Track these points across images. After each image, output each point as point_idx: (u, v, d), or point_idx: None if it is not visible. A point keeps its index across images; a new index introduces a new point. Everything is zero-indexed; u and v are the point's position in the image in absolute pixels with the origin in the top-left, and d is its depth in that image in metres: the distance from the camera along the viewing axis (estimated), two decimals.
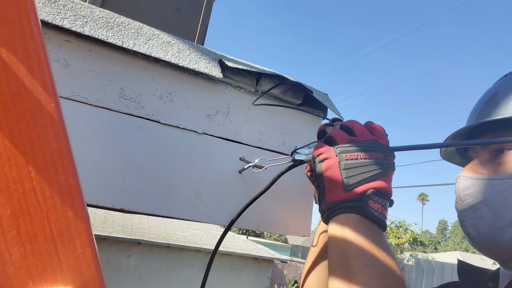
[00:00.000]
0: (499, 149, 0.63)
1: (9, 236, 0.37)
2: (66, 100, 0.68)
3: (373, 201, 0.57)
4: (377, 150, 0.61)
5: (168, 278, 7.21)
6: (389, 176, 0.61)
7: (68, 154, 0.40)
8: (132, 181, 0.72)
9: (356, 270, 0.51)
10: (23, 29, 0.39)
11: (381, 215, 0.57)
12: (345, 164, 0.59)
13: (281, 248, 17.05)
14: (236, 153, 0.85)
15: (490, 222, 0.60)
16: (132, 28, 0.75)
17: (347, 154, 0.60)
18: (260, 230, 0.86)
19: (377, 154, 0.60)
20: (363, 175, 0.58)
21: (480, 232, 0.62)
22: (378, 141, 0.63)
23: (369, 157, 0.60)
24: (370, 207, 0.56)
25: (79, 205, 0.40)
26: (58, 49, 0.68)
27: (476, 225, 0.63)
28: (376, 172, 0.59)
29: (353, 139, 0.62)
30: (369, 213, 0.56)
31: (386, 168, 0.60)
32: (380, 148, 0.61)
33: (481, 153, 0.67)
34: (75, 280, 0.39)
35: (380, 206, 0.57)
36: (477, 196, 0.63)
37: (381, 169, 0.59)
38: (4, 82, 0.38)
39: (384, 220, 0.58)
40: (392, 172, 0.62)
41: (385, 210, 0.58)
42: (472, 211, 0.63)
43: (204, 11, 1.26)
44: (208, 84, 0.83)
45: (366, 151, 0.60)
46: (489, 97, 0.69)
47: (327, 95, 0.99)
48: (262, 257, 8.38)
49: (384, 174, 0.60)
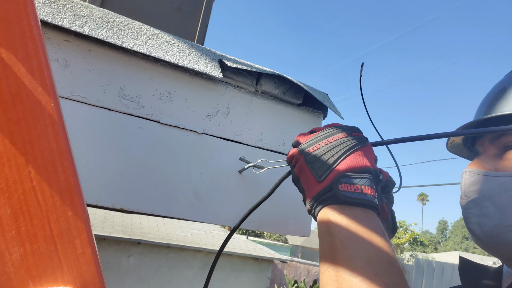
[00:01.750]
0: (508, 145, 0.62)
1: (9, 236, 0.37)
2: (66, 100, 0.68)
3: (346, 184, 0.53)
4: (337, 132, 0.58)
5: (168, 278, 7.21)
6: (363, 150, 0.57)
7: (68, 154, 0.40)
8: (132, 181, 0.72)
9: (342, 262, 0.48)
10: (23, 29, 0.39)
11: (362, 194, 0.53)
12: (310, 157, 0.57)
13: (281, 248, 17.04)
14: (236, 153, 0.85)
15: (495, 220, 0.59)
16: (131, 28, 0.75)
17: (309, 148, 0.58)
18: (260, 230, 0.86)
19: (339, 135, 0.58)
20: (331, 160, 0.55)
21: (484, 230, 0.61)
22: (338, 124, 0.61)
23: (330, 141, 0.57)
24: (342, 191, 0.52)
25: (79, 205, 0.40)
26: (58, 49, 0.68)
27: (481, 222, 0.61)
28: (343, 151, 0.56)
29: (313, 134, 0.61)
30: (342, 197, 0.52)
31: (353, 143, 0.57)
32: (340, 128, 0.59)
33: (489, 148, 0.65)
34: (75, 280, 0.39)
35: (358, 186, 0.53)
36: (483, 193, 0.61)
37: (347, 146, 0.56)
38: (4, 82, 0.38)
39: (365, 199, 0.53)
40: (366, 145, 0.58)
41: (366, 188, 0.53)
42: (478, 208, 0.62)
43: (204, 11, 1.26)
44: (208, 84, 0.83)
45: (327, 137, 0.58)
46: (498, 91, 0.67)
47: (327, 95, 0.99)
48: (262, 257, 8.38)
49: (354, 150, 0.56)
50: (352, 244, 0.50)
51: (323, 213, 0.54)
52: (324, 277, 0.50)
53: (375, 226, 0.52)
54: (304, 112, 0.97)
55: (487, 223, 0.60)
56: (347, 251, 0.49)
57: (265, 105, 0.91)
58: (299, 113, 0.96)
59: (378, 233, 0.51)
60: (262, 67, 0.90)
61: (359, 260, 0.48)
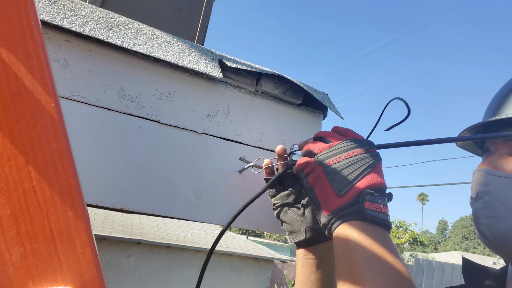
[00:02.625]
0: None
1: (9, 236, 0.37)
2: (66, 100, 0.68)
3: (369, 202, 0.53)
4: (357, 146, 0.59)
5: (168, 278, 7.21)
6: (378, 168, 0.58)
7: (68, 154, 0.40)
8: (132, 181, 0.72)
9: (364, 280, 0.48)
10: (23, 29, 0.39)
11: (382, 213, 0.54)
12: (331, 170, 0.57)
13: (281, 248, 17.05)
14: (236, 153, 0.85)
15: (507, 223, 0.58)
16: (132, 28, 0.75)
17: (329, 160, 0.58)
18: (260, 230, 0.86)
19: (358, 150, 0.58)
20: (352, 175, 0.56)
21: (494, 232, 0.59)
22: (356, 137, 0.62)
23: (351, 155, 0.57)
24: (368, 209, 0.53)
25: (79, 205, 0.40)
26: (58, 49, 0.68)
27: (491, 224, 0.60)
28: (364, 168, 0.56)
29: (329, 145, 0.61)
30: (368, 215, 0.53)
31: (372, 161, 0.57)
32: (360, 143, 0.59)
33: (501, 147, 0.64)
34: (75, 280, 0.39)
35: (379, 205, 0.54)
36: (495, 194, 0.60)
37: (368, 163, 0.57)
38: (4, 82, 0.38)
39: (386, 219, 0.54)
40: (380, 163, 0.59)
41: (385, 207, 0.55)
42: (488, 209, 0.60)
43: (204, 11, 1.26)
44: (208, 84, 0.83)
45: (347, 150, 0.58)
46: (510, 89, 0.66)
47: (327, 95, 0.99)
48: (262, 257, 8.39)
49: (373, 167, 0.57)
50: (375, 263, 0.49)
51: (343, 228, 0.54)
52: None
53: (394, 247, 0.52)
54: (304, 112, 0.97)
55: (497, 225, 0.59)
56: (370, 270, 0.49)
57: (265, 105, 0.91)
58: (299, 113, 0.96)
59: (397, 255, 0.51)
60: (262, 67, 0.90)
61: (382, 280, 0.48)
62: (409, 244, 27.58)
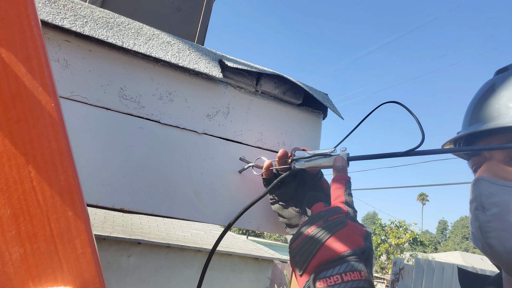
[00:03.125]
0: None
1: (9, 236, 0.37)
2: (66, 100, 0.68)
3: (325, 279, 0.54)
4: (315, 220, 0.61)
5: (168, 278, 7.21)
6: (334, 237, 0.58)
7: (68, 154, 0.40)
8: (132, 181, 0.72)
9: None
10: (23, 29, 0.39)
11: (344, 283, 0.52)
12: (292, 251, 0.61)
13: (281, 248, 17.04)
14: (236, 153, 0.85)
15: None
16: (132, 28, 0.75)
17: (294, 242, 0.62)
18: (260, 230, 0.86)
19: (316, 225, 0.60)
20: (302, 258, 0.58)
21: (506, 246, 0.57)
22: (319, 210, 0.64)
23: (309, 233, 0.60)
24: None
25: (79, 205, 0.40)
26: (58, 49, 0.68)
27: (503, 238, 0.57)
28: (318, 243, 0.58)
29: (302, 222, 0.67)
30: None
31: (324, 234, 0.58)
32: (318, 216, 0.61)
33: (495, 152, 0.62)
34: (75, 280, 0.39)
35: (338, 276, 0.53)
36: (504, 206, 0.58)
37: (322, 237, 0.58)
38: (4, 82, 0.38)
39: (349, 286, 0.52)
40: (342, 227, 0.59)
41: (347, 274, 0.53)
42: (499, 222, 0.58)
43: (204, 11, 1.26)
44: (208, 84, 0.83)
45: (308, 227, 0.61)
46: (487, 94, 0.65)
47: (327, 95, 0.99)
48: (262, 257, 8.38)
49: (326, 240, 0.57)
50: None
51: None
52: None
53: None
54: (304, 112, 0.97)
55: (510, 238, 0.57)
56: None
57: (265, 105, 0.91)
58: (299, 113, 0.96)
59: None
60: (262, 67, 0.90)
61: None
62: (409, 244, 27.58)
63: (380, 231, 26.41)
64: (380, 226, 26.62)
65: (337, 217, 0.60)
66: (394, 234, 25.24)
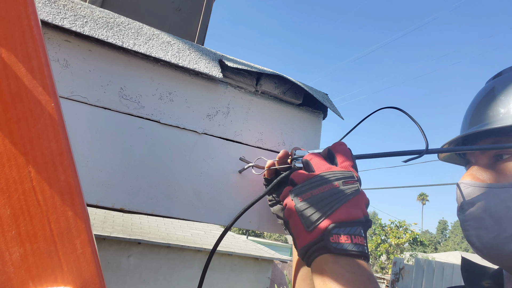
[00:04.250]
0: (498, 155, 0.63)
1: (9, 236, 0.37)
2: (66, 100, 0.68)
3: (336, 235, 0.54)
4: (330, 181, 0.59)
5: (168, 278, 7.21)
6: (353, 201, 0.58)
7: (68, 154, 0.40)
8: (132, 181, 0.72)
9: None
10: (23, 29, 0.39)
11: (353, 245, 0.54)
12: (300, 206, 0.58)
13: (281, 248, 17.05)
14: (236, 153, 0.85)
15: (494, 232, 0.60)
16: (132, 28, 0.75)
17: (300, 196, 0.59)
18: (260, 230, 0.86)
19: (330, 185, 0.58)
20: (319, 213, 0.56)
21: (484, 242, 0.61)
22: (332, 170, 0.61)
23: (322, 191, 0.58)
24: (334, 243, 0.53)
25: (79, 205, 0.40)
26: (58, 49, 0.68)
27: (480, 235, 0.62)
28: (332, 205, 0.56)
29: (307, 176, 0.61)
30: (334, 249, 0.53)
31: (345, 195, 0.57)
32: (334, 177, 0.59)
33: (480, 158, 0.66)
34: (75, 280, 0.39)
35: (348, 236, 0.54)
36: (479, 205, 0.62)
37: (337, 199, 0.57)
38: (4, 82, 0.38)
39: (358, 250, 0.54)
40: (357, 195, 0.59)
41: (357, 237, 0.54)
42: (475, 220, 0.63)
43: (204, 11, 1.26)
44: (208, 84, 0.83)
45: (319, 186, 0.59)
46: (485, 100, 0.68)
47: (327, 95, 0.99)
48: (262, 257, 8.39)
49: (344, 202, 0.57)
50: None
51: (317, 263, 0.55)
52: None
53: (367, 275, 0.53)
54: (304, 112, 0.97)
55: (485, 235, 0.61)
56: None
57: (265, 105, 0.91)
58: (299, 113, 0.96)
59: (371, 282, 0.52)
60: (262, 67, 0.90)
61: None
62: (409, 244, 27.58)
63: (380, 231, 26.41)
64: (380, 226, 26.62)
65: (352, 183, 0.60)
66: (394, 234, 25.24)
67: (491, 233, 0.60)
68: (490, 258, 0.63)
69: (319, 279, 0.53)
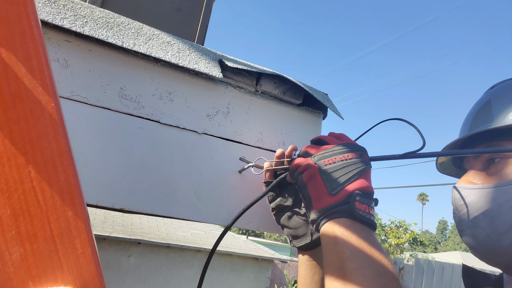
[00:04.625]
0: (490, 159, 0.65)
1: (9, 236, 0.37)
2: (66, 100, 0.68)
3: (359, 203, 0.57)
4: (352, 150, 0.63)
5: (168, 278, 7.21)
6: (368, 174, 0.62)
7: (68, 154, 0.40)
8: (132, 181, 0.72)
9: (352, 271, 0.51)
10: (23, 29, 0.39)
11: (369, 215, 0.58)
12: (325, 169, 0.60)
13: (281, 248, 17.05)
14: (236, 153, 0.85)
15: (487, 230, 0.61)
16: (132, 28, 0.75)
17: (325, 160, 0.61)
18: (260, 230, 0.86)
19: (352, 154, 0.62)
20: (345, 177, 0.59)
21: (479, 241, 0.63)
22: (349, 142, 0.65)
23: (346, 158, 0.61)
24: (358, 208, 0.57)
25: (79, 205, 0.40)
26: (58, 49, 0.68)
27: (475, 234, 0.63)
28: (356, 171, 0.60)
29: (326, 147, 0.65)
30: (357, 214, 0.56)
31: (363, 167, 0.61)
32: (354, 148, 0.63)
33: (474, 164, 0.68)
34: (75, 280, 0.39)
35: (367, 206, 0.58)
36: (473, 205, 0.64)
37: (359, 168, 0.61)
38: (4, 82, 0.38)
39: (372, 220, 0.58)
40: (370, 169, 0.63)
41: (371, 209, 0.59)
42: (469, 220, 0.64)
43: (204, 11, 1.26)
44: (208, 84, 0.83)
45: (342, 153, 0.62)
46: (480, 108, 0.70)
47: (327, 95, 0.99)
48: (262, 257, 8.38)
49: (364, 172, 0.61)
50: (361, 255, 0.53)
51: (332, 224, 0.58)
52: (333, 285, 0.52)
53: (379, 244, 0.56)
54: (304, 112, 0.97)
55: (480, 233, 0.62)
56: (357, 261, 0.52)
57: (265, 105, 0.91)
58: (299, 113, 0.96)
59: (382, 251, 0.55)
60: (262, 67, 0.90)
61: (368, 271, 0.51)
62: (409, 244, 27.60)
63: (380, 231, 26.41)
64: (380, 226, 26.62)
65: (366, 158, 0.64)
66: (394, 234, 25.23)
67: (485, 231, 0.61)
68: (486, 257, 0.64)
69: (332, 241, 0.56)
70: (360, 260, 0.52)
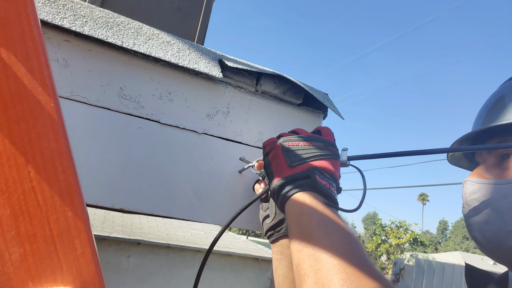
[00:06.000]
0: (505, 154, 0.64)
1: (9, 236, 0.37)
2: (66, 100, 0.68)
3: (319, 178, 0.58)
4: (317, 140, 0.64)
5: (168, 278, 7.21)
6: (333, 162, 0.63)
7: (68, 154, 0.40)
8: (132, 181, 0.72)
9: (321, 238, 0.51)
10: (23, 29, 0.39)
11: (330, 190, 0.59)
12: (288, 149, 0.63)
13: None
14: (236, 153, 0.85)
15: (496, 226, 0.61)
16: (131, 28, 0.75)
17: (289, 142, 0.64)
18: (260, 230, 0.86)
19: (317, 144, 0.63)
20: (305, 155, 0.61)
21: (486, 237, 0.62)
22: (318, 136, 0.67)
23: (309, 144, 0.63)
24: (318, 181, 0.58)
25: (79, 205, 0.40)
26: (57, 49, 0.68)
27: (483, 229, 0.63)
28: (318, 154, 0.61)
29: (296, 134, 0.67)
30: (319, 186, 0.57)
31: (328, 155, 0.62)
32: (320, 140, 0.65)
33: (487, 158, 0.67)
34: (74, 280, 0.39)
35: (327, 183, 0.59)
36: (483, 200, 0.63)
37: (322, 153, 0.62)
38: (4, 82, 0.38)
39: (333, 195, 0.59)
40: (337, 160, 0.64)
41: (332, 187, 0.60)
42: (479, 215, 0.64)
43: (204, 11, 1.26)
44: (208, 84, 0.83)
45: (307, 141, 0.64)
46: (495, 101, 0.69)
47: (327, 95, 0.99)
48: (262, 257, 8.38)
49: (327, 158, 0.62)
50: (329, 224, 0.53)
51: (297, 198, 0.58)
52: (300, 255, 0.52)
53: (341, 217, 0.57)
54: (304, 112, 0.97)
55: (488, 229, 0.62)
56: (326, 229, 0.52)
57: (265, 105, 0.91)
58: (299, 113, 0.96)
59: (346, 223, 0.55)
60: (262, 67, 0.90)
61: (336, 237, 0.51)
62: (409, 244, 27.60)
63: (381, 231, 26.40)
64: (380, 226, 26.61)
65: (334, 150, 0.65)
66: (394, 234, 25.23)
67: (493, 228, 0.61)
68: (492, 253, 0.63)
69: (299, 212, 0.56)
70: (327, 229, 0.52)
